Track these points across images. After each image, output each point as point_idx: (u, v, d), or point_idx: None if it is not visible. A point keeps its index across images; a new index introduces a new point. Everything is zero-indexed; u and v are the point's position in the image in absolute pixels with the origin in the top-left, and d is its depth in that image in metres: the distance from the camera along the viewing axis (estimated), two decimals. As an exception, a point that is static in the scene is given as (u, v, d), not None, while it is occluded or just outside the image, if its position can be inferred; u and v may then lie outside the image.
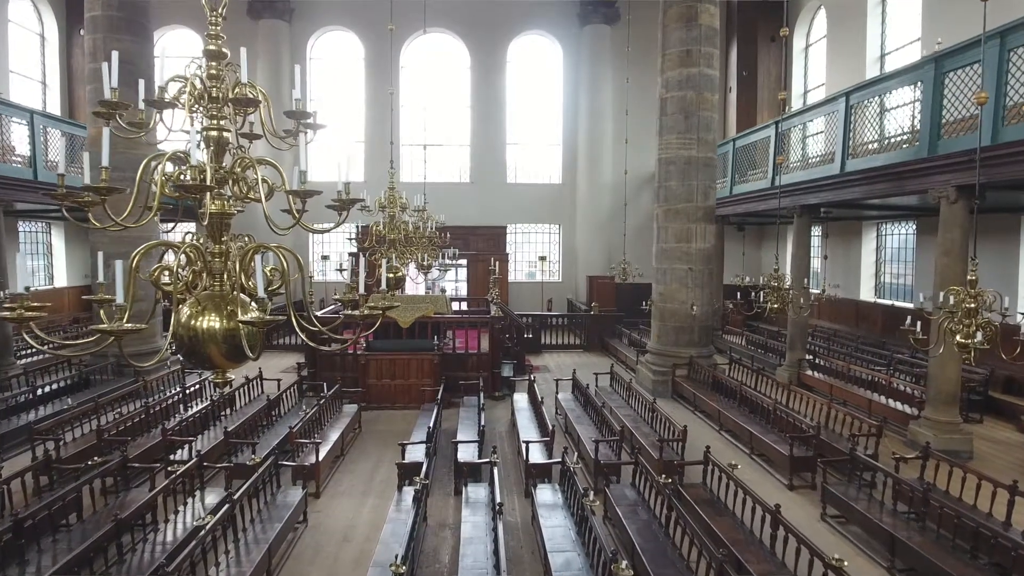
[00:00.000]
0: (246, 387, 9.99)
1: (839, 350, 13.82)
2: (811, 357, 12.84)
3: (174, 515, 5.80)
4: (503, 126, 21.50)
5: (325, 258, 21.50)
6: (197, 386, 10.36)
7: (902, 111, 10.12)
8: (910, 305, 14.75)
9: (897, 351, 13.16)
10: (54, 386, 10.03)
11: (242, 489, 5.38)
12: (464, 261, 19.90)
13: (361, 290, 3.07)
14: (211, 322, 2.87)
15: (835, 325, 16.77)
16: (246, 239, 3.24)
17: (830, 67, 17.72)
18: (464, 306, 17.49)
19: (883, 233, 16.31)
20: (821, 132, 12.76)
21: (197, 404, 9.50)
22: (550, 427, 7.27)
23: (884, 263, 16.26)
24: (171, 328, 2.86)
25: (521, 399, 10.06)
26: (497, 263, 12.55)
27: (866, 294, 16.44)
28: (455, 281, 21.21)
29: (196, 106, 3.02)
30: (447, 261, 12.17)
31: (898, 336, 14.99)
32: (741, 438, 9.00)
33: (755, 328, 17.69)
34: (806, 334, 12.88)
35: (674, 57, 11.77)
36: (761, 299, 8.32)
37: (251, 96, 2.96)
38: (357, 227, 16.65)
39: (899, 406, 9.88)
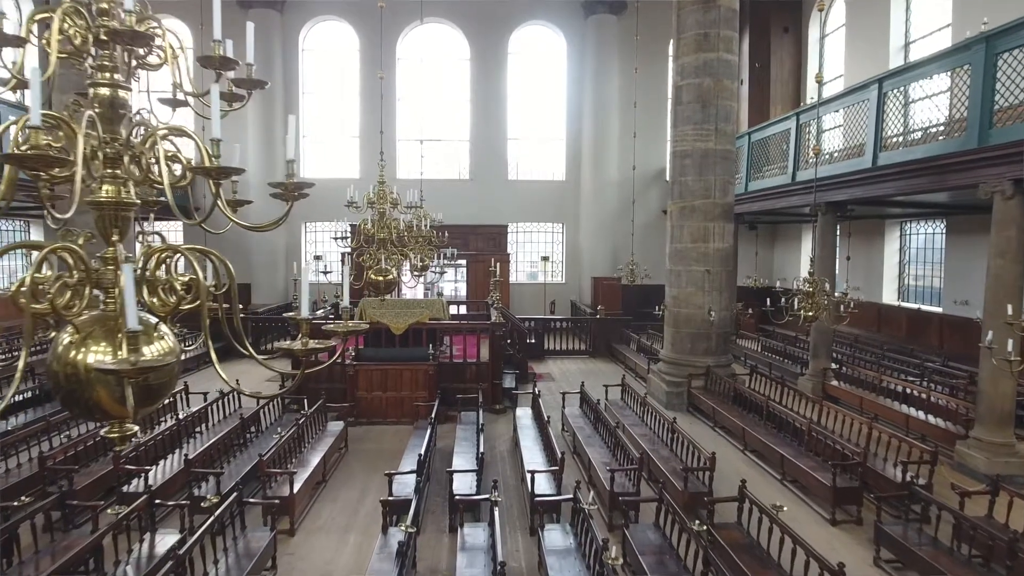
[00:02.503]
0: (221, 402, 9.05)
1: (864, 358, 12.89)
2: (836, 366, 11.92)
3: (115, 567, 4.89)
4: (504, 121, 20.57)
5: (318, 258, 20.61)
6: (169, 399, 9.43)
7: (940, 99, 9.22)
8: (938, 309, 13.84)
9: (928, 359, 12.23)
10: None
11: (191, 541, 4.45)
12: (463, 262, 19.00)
13: (305, 311, 2.17)
14: (99, 355, 1.96)
15: (855, 330, 15.82)
16: (149, 239, 2.34)
17: (849, 58, 16.79)
18: (463, 309, 16.58)
19: (907, 232, 15.39)
20: (839, 126, 11.91)
21: (168, 421, 8.55)
22: (558, 454, 6.35)
23: (908, 264, 15.34)
24: (20, 364, 1.95)
25: (524, 415, 9.14)
26: (498, 264, 11.63)
27: (889, 297, 15.53)
28: (455, 281, 20.31)
29: (82, 53, 2.11)
30: (444, 261, 11.29)
31: (923, 342, 14.13)
32: (770, 461, 8.07)
33: (770, 333, 16.76)
34: (831, 341, 11.95)
35: (690, 41, 10.84)
36: (795, 306, 7.40)
37: (140, 30, 2.03)
38: (350, 226, 15.72)
39: (941, 423, 8.96)
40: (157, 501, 5.45)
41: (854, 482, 6.59)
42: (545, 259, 20.59)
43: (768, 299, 8.19)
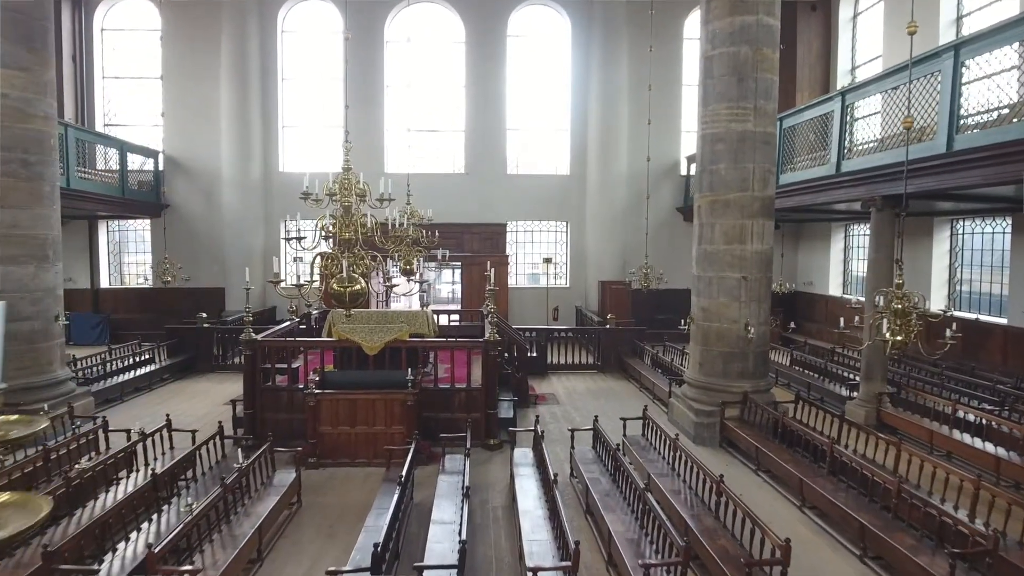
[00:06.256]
0: (146, 443, 7.26)
1: (922, 378, 11.07)
2: (892, 389, 10.12)
3: None
4: (503, 110, 18.73)
5: (298, 259, 18.85)
6: (90, 437, 7.65)
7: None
8: (1001, 320, 12.04)
9: (1000, 380, 10.41)
10: None
11: None
12: (458, 264, 17.23)
13: None
14: None
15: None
16: None
17: (888, 37, 15.00)
18: (455, 318, 14.77)
19: (958, 232, 13.58)
20: (875, 113, 10.20)
21: (53, 481, 6.67)
22: (571, 544, 4.55)
23: (960, 268, 13.53)
24: None
25: (524, 460, 7.34)
26: (493, 270, 9.82)
27: (938, 304, 13.69)
28: (452, 283, 18.57)
29: None
30: (433, 264, 9.60)
31: (983, 358, 12.30)
32: (842, 527, 6.27)
33: (800, 345, 14.96)
34: (886, 360, 10.13)
35: (723, 2, 9.05)
36: (883, 328, 5.62)
37: None
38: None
39: (1045, 469, 7.17)
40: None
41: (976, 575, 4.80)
42: (547, 261, 18.76)
43: (842, 319, 6.40)
